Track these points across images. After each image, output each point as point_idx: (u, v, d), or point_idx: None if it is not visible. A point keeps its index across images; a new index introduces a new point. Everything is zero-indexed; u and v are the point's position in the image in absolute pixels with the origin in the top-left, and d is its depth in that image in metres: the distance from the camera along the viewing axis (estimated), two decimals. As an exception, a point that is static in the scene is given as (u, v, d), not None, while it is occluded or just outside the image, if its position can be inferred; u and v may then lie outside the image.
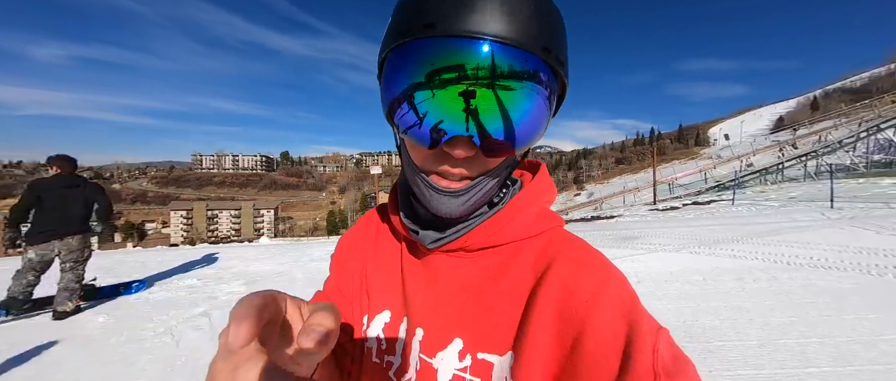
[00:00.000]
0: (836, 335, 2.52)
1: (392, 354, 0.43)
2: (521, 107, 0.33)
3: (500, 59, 0.31)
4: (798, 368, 2.15)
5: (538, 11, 0.33)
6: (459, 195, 0.37)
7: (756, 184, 18.53)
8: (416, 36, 0.32)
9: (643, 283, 3.91)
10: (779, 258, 4.56)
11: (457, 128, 0.32)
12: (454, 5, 0.31)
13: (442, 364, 0.39)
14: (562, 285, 0.37)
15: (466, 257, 0.42)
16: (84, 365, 2.52)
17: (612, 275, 0.37)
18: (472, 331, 0.39)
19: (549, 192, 0.46)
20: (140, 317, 3.44)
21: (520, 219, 0.42)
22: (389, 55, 0.35)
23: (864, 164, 16.66)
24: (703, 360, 2.29)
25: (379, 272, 0.49)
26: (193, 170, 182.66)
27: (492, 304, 0.40)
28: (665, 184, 24.74)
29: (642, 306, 0.35)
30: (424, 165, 0.37)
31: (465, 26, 0.30)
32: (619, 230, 8.04)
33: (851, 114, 31.44)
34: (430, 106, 0.32)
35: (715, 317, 2.94)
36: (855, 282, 3.59)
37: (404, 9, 0.34)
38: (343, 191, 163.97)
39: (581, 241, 0.42)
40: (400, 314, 0.45)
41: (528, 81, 0.32)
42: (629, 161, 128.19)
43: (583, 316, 0.34)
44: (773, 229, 6.62)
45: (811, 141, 25.28)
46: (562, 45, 0.35)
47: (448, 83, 0.31)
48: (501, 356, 0.37)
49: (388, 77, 0.35)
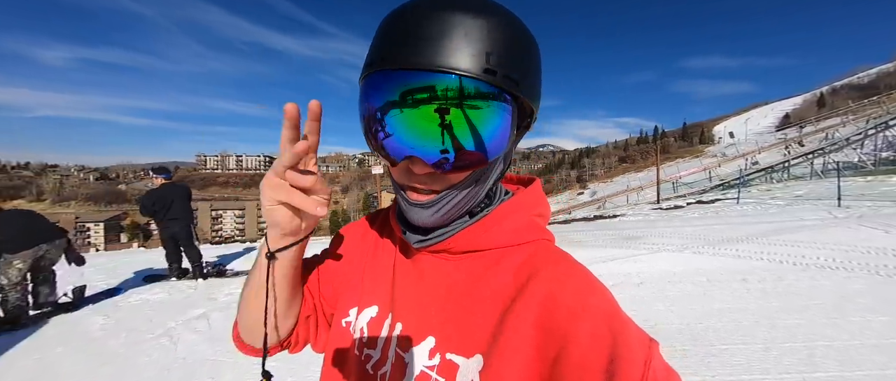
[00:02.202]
0: (845, 338, 2.46)
1: (372, 348, 0.45)
2: (485, 123, 0.35)
3: (466, 83, 0.34)
4: (805, 372, 2.10)
5: (495, 40, 0.35)
6: (428, 207, 0.40)
7: (761, 182, 18.36)
8: (383, 67, 0.35)
9: (646, 283, 3.86)
10: (785, 258, 4.49)
11: (422, 144, 0.35)
12: (414, 40, 0.34)
13: (413, 360, 0.41)
14: (544, 297, 0.37)
15: (450, 259, 0.44)
16: (83, 366, 2.53)
17: (595, 288, 0.38)
18: (445, 331, 0.41)
19: (538, 204, 0.47)
20: (139, 318, 3.44)
21: (503, 226, 0.43)
22: (363, 81, 0.38)
23: (872, 161, 16.47)
24: (707, 364, 2.24)
25: (375, 268, 0.51)
26: (198, 170, 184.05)
27: (468, 307, 0.41)
28: (669, 183, 24.56)
29: (627, 318, 0.35)
30: (400, 180, 0.41)
31: (424, 61, 0.34)
32: (621, 230, 7.98)
33: (859, 111, 31.06)
34: (395, 125, 0.35)
35: (719, 319, 2.89)
36: (863, 283, 3.52)
37: (373, 41, 0.38)
38: (346, 191, 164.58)
39: (566, 255, 0.42)
40: (386, 310, 0.47)
41: (494, 100, 0.35)
42: (632, 160, 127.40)
43: (565, 328, 0.34)
44: (778, 228, 6.54)
45: (818, 138, 25.01)
46: (522, 67, 0.37)
47: (420, 103, 0.34)
48: (468, 358, 0.38)
49: (361, 99, 0.38)
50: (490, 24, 0.35)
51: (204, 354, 2.67)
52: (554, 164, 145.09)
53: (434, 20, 0.34)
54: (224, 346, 2.78)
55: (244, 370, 2.40)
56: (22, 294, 3.29)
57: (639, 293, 3.55)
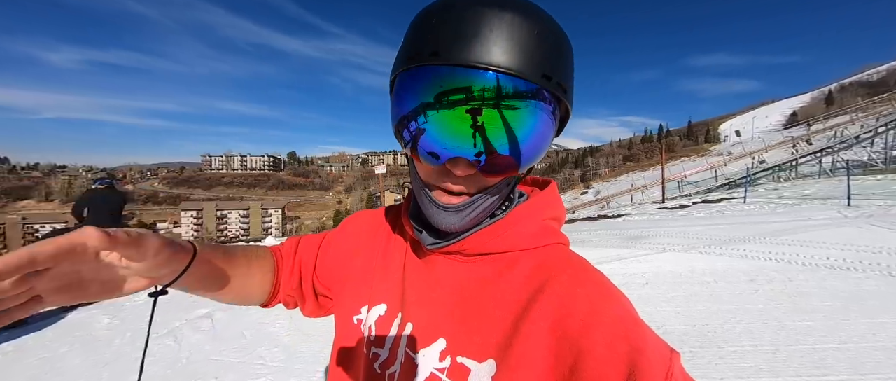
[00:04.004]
0: (856, 341, 2.41)
1: (381, 346, 0.45)
2: (525, 125, 0.34)
3: (504, 82, 0.33)
4: (815, 376, 2.06)
5: (540, 39, 0.34)
6: (459, 211, 0.39)
7: (769, 181, 18.15)
8: (422, 62, 0.34)
9: (651, 284, 3.81)
10: (793, 259, 4.42)
11: (463, 145, 0.34)
12: (458, 36, 0.33)
13: (423, 361, 0.40)
14: (558, 303, 0.36)
15: (463, 260, 0.43)
16: (88, 365, 2.54)
17: (610, 294, 0.37)
18: (456, 333, 0.40)
19: (553, 207, 0.46)
20: (144, 318, 3.46)
21: (518, 229, 0.42)
22: (399, 76, 0.37)
23: (882, 160, 16.21)
24: (714, 367, 2.20)
25: (385, 266, 0.50)
26: (203, 171, 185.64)
27: (481, 310, 0.40)
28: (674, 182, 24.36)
29: (645, 326, 0.34)
30: (428, 180, 0.40)
31: (470, 57, 0.33)
32: (626, 229, 7.91)
33: (868, 108, 30.64)
34: (436, 124, 0.34)
35: (726, 321, 2.84)
36: (874, 284, 3.45)
37: (414, 34, 0.37)
38: (349, 190, 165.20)
39: (582, 260, 0.42)
40: (395, 309, 0.46)
41: (532, 99, 0.34)
42: (637, 158, 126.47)
43: (580, 338, 0.33)
44: (786, 227, 6.44)
45: (826, 136, 24.67)
46: (564, 70, 0.36)
47: (456, 104, 0.33)
48: (480, 362, 0.37)
49: (399, 96, 0.37)
50: (548, 32, 0.35)
51: (208, 353, 2.67)
52: (557, 163, 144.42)
53: (490, 18, 0.33)
54: (228, 345, 2.79)
55: (248, 370, 2.40)
56: None
57: (644, 294, 3.51)
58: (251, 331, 3.03)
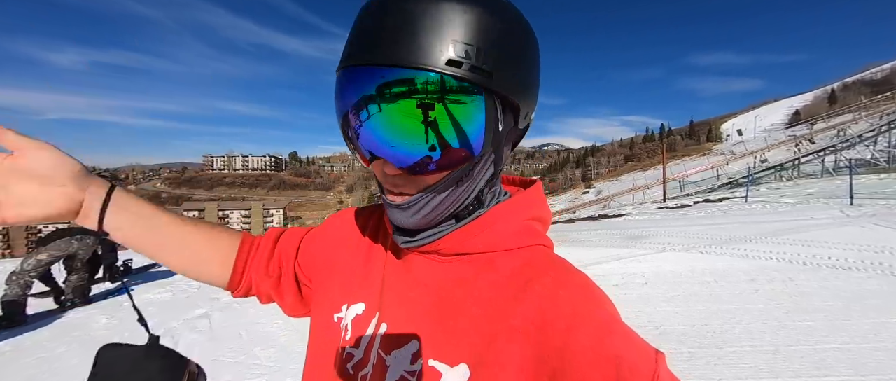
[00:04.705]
0: (857, 341, 2.39)
1: (356, 346, 0.44)
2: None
3: (428, 77, 0.31)
4: (816, 376, 2.04)
5: (473, 30, 0.33)
6: (405, 209, 0.38)
7: (771, 180, 18.08)
8: (348, 63, 0.34)
9: (651, 284, 3.79)
10: (795, 258, 4.40)
11: (392, 145, 0.34)
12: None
13: (393, 363, 0.39)
14: (540, 305, 0.35)
15: (441, 260, 0.42)
16: (85, 365, 2.53)
17: (594, 297, 0.36)
18: (431, 335, 0.39)
19: (536, 207, 0.44)
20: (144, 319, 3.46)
21: (496, 229, 0.41)
22: (338, 76, 0.37)
23: (885, 158, 16.12)
24: (713, 368, 2.18)
25: (366, 264, 0.50)
26: (205, 171, 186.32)
27: (459, 311, 0.39)
28: (675, 181, 24.28)
29: (629, 330, 0.34)
30: (379, 179, 0.39)
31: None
32: (627, 229, 7.88)
33: (872, 107, 30.51)
34: (367, 123, 0.34)
35: (726, 320, 2.82)
36: (877, 283, 3.43)
37: (354, 32, 0.36)
38: (350, 190, 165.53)
39: (564, 262, 0.40)
40: (373, 309, 0.45)
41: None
42: (638, 158, 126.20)
43: (562, 343, 0.33)
44: (788, 227, 6.41)
45: (829, 135, 24.55)
46: (501, 60, 0.34)
47: (398, 97, 0.32)
48: (452, 367, 0.36)
49: (336, 95, 0.37)
50: (460, 12, 0.32)
51: (205, 353, 2.67)
52: (558, 163, 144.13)
53: (398, 11, 0.32)
54: (225, 345, 2.79)
55: (245, 370, 2.40)
56: (23, 292, 3.33)
57: (644, 293, 3.49)
58: (247, 331, 3.03)
